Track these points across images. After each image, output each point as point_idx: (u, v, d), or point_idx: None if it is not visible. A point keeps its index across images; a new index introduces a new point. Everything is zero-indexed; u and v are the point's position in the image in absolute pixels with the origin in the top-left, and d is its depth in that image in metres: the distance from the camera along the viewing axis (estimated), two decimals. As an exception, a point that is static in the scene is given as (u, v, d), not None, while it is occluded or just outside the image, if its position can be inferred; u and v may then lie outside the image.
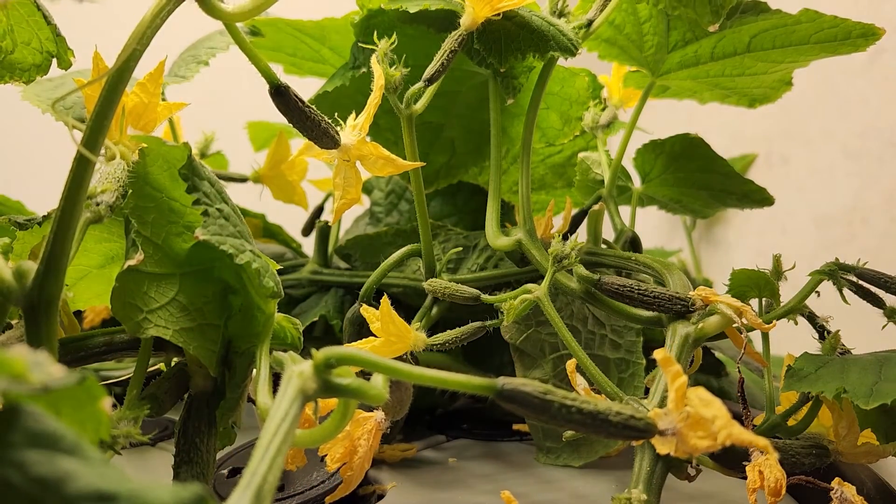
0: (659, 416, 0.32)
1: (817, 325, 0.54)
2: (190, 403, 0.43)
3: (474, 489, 0.57)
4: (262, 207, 0.83)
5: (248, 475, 0.26)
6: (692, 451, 0.31)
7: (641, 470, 0.41)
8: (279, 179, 0.79)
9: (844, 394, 0.43)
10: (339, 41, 0.72)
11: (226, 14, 0.39)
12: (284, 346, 0.44)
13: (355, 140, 0.47)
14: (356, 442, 0.43)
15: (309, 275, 0.75)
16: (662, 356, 0.32)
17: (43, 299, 0.34)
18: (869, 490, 0.51)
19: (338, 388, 0.30)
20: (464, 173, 0.73)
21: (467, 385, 0.29)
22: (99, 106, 0.35)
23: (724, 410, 0.31)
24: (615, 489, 0.56)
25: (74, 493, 0.19)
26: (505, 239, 0.59)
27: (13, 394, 0.21)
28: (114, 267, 0.52)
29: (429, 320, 0.58)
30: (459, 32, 0.53)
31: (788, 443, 0.46)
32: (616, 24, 0.65)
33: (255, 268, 0.38)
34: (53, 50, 0.48)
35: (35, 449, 0.20)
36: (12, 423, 0.20)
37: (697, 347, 0.48)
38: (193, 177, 0.39)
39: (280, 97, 0.45)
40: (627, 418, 0.30)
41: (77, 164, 0.34)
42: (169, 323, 0.40)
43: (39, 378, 0.21)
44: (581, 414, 0.30)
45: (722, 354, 0.76)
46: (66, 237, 0.34)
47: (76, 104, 0.51)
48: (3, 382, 0.20)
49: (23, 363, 0.20)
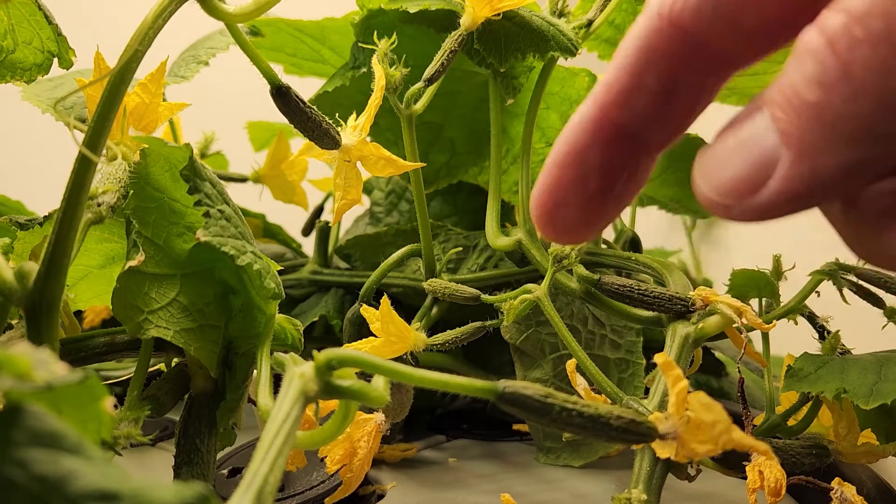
0: (659, 419, 0.32)
1: (817, 325, 0.54)
2: (190, 404, 0.43)
3: (474, 489, 0.57)
4: (262, 207, 0.83)
5: (250, 476, 0.26)
6: (693, 455, 0.31)
7: (641, 470, 0.41)
8: (279, 179, 0.79)
9: (844, 394, 0.43)
10: (339, 41, 0.72)
11: (227, 15, 0.39)
12: (285, 347, 0.44)
13: (356, 140, 0.47)
14: (356, 444, 0.43)
15: (309, 275, 0.75)
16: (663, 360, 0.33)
17: (44, 300, 0.34)
18: (869, 490, 0.51)
19: (339, 389, 0.30)
20: (464, 173, 0.73)
21: (468, 388, 0.29)
22: (101, 106, 0.35)
23: (724, 415, 0.31)
24: (615, 489, 0.56)
25: (77, 491, 0.19)
26: (505, 239, 0.59)
27: (16, 392, 0.21)
28: (115, 267, 0.52)
29: (429, 320, 0.58)
30: (459, 32, 0.53)
31: (788, 443, 0.46)
32: (616, 24, 0.65)
33: (257, 269, 0.38)
34: (55, 49, 0.48)
35: (38, 448, 0.20)
36: (15, 422, 0.20)
37: (697, 347, 0.48)
38: (195, 178, 0.39)
39: (281, 97, 0.45)
40: (628, 422, 0.30)
41: (79, 165, 0.34)
42: (170, 324, 0.40)
43: (43, 376, 0.21)
44: (582, 418, 0.30)
45: (722, 354, 0.76)
46: (68, 238, 0.34)
47: (77, 104, 0.51)
48: (7, 381, 0.20)
49: (27, 361, 0.20)
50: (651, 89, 0.24)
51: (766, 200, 0.21)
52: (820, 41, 0.19)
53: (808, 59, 0.20)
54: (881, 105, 0.19)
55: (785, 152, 0.21)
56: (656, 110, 0.25)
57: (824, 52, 0.19)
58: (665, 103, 0.24)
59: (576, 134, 0.26)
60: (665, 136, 0.25)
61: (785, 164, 0.21)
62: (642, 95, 0.24)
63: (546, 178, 0.27)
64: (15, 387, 0.20)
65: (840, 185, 0.20)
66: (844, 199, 0.22)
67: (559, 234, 0.28)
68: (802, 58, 0.20)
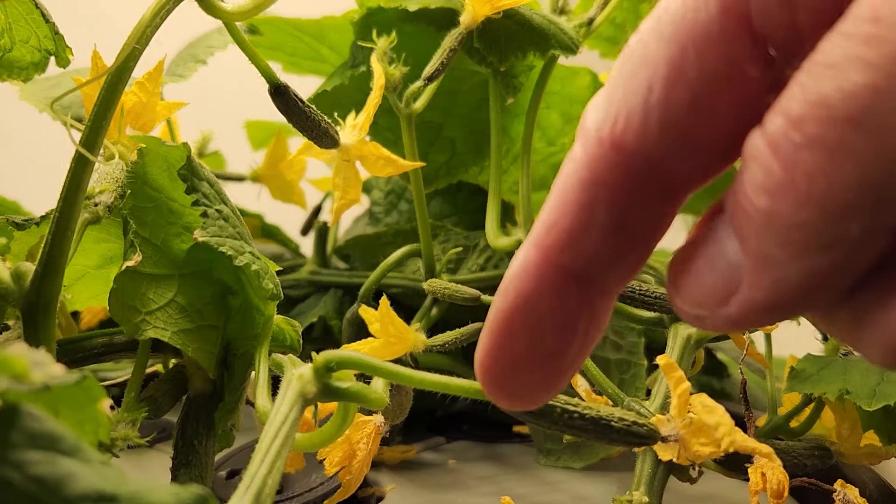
0: (662, 422, 0.32)
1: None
2: (188, 405, 0.42)
3: (474, 491, 0.57)
4: (261, 207, 0.83)
5: (248, 478, 0.26)
6: (695, 457, 0.31)
7: (643, 472, 0.41)
8: (277, 179, 0.79)
9: (847, 395, 0.43)
10: (338, 40, 0.72)
11: (226, 13, 0.39)
12: (283, 349, 0.44)
13: (355, 140, 0.47)
14: (355, 446, 0.43)
15: (307, 275, 0.75)
16: (665, 361, 0.32)
17: (41, 300, 0.34)
18: (871, 492, 0.51)
19: (338, 391, 0.30)
20: (464, 173, 0.73)
21: (469, 390, 0.29)
22: (98, 105, 0.34)
23: (727, 417, 0.31)
24: (616, 491, 0.56)
25: (74, 493, 0.19)
26: (505, 239, 0.58)
27: (13, 393, 0.20)
28: (112, 267, 0.51)
29: (428, 321, 0.58)
30: (459, 31, 0.53)
31: (791, 444, 0.46)
32: (617, 22, 0.65)
33: (255, 270, 0.38)
34: (52, 48, 0.47)
35: (35, 449, 0.20)
36: (12, 423, 0.20)
37: (699, 348, 0.48)
38: (193, 177, 0.39)
39: (280, 97, 0.44)
40: (630, 424, 0.30)
41: (76, 165, 0.34)
42: (167, 324, 0.40)
43: (40, 377, 0.20)
44: (583, 420, 0.30)
45: (724, 355, 0.76)
46: (65, 238, 0.34)
47: (74, 103, 0.50)
48: (4, 381, 0.20)
49: (24, 362, 0.20)
50: (599, 226, 0.21)
51: (736, 313, 0.20)
52: (763, 145, 0.18)
53: (754, 165, 0.18)
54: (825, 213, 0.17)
55: (745, 262, 0.19)
56: (607, 249, 0.22)
57: (768, 158, 0.18)
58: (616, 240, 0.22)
59: (519, 284, 0.22)
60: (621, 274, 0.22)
61: (747, 274, 0.20)
62: (590, 234, 0.21)
63: (490, 337, 0.23)
64: (12, 388, 0.20)
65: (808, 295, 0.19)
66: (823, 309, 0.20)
67: (515, 400, 0.24)
68: (749, 163, 0.19)
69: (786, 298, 0.19)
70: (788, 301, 0.19)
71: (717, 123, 0.20)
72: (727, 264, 0.20)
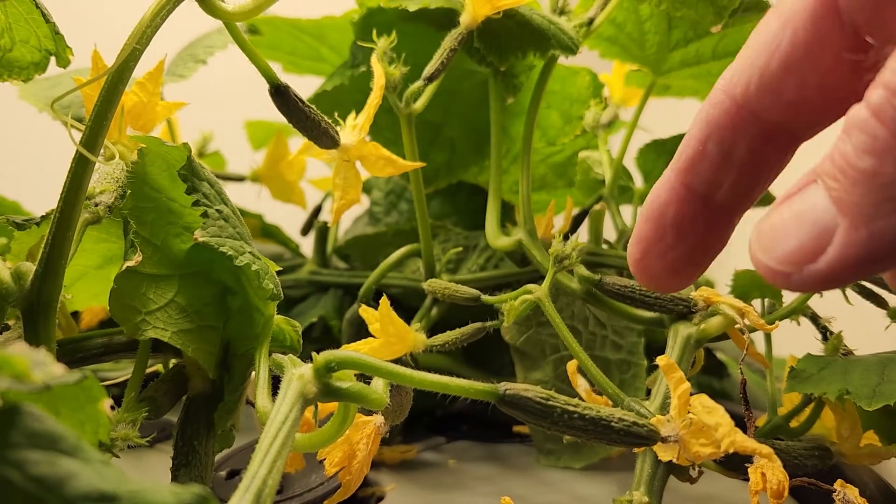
0: (662, 422, 0.32)
1: (820, 326, 0.54)
2: (188, 405, 0.42)
3: (474, 491, 0.57)
4: (261, 207, 0.83)
5: (248, 478, 0.26)
6: (695, 458, 0.31)
7: (643, 472, 0.41)
8: (277, 179, 0.79)
9: (847, 395, 0.43)
10: (338, 40, 0.72)
11: (226, 13, 0.39)
12: (283, 349, 0.44)
13: (355, 140, 0.47)
14: (355, 446, 0.43)
15: (307, 275, 0.75)
16: (665, 362, 0.32)
17: (41, 300, 0.34)
18: (872, 492, 0.51)
19: (338, 391, 0.30)
20: (464, 173, 0.73)
21: (469, 390, 0.29)
22: (98, 105, 0.34)
23: (727, 418, 0.31)
24: (616, 491, 0.56)
25: (75, 493, 0.19)
26: (505, 239, 0.58)
27: (13, 393, 0.20)
28: (112, 267, 0.51)
29: (428, 321, 0.58)
30: (459, 30, 0.53)
31: (791, 444, 0.46)
32: (617, 22, 0.65)
33: (255, 270, 0.38)
34: (52, 48, 0.47)
35: (35, 449, 0.20)
36: (12, 423, 0.20)
37: (699, 348, 0.48)
38: (193, 177, 0.39)
39: (280, 97, 0.44)
40: (630, 425, 0.30)
41: (76, 165, 0.34)
42: (167, 324, 0.39)
43: (41, 377, 0.20)
44: (583, 420, 0.30)
45: (724, 355, 0.76)
46: (65, 238, 0.34)
47: (74, 103, 0.50)
48: (4, 381, 0.20)
49: (24, 362, 0.20)
50: (711, 156, 0.27)
51: (826, 268, 0.22)
52: (867, 114, 0.21)
53: (858, 131, 0.21)
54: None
55: (841, 220, 0.22)
56: (718, 175, 0.27)
57: (873, 124, 0.21)
58: (725, 169, 0.27)
59: (656, 193, 0.29)
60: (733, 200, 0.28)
61: (842, 231, 0.22)
62: (705, 161, 0.27)
63: (635, 231, 0.30)
64: (12, 387, 0.20)
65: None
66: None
67: (649, 281, 0.31)
68: (852, 130, 0.21)
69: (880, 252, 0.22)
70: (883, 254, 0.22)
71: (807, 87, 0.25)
72: (818, 223, 0.23)
